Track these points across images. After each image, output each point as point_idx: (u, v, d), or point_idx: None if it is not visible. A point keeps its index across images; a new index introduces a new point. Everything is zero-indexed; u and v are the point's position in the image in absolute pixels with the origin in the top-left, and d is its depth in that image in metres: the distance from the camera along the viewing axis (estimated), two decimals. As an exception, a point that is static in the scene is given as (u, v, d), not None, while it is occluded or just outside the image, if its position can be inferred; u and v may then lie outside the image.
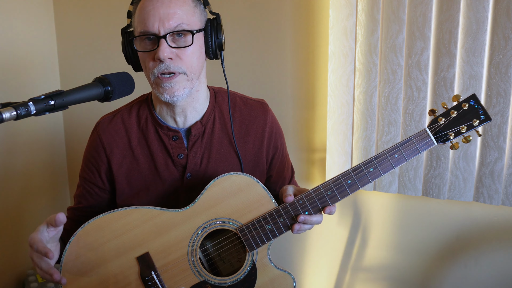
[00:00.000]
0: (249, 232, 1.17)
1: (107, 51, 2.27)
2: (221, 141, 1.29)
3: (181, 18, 1.14)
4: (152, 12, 1.12)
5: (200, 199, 1.18)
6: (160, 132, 1.27)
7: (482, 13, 1.65)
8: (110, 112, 1.34)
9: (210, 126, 1.28)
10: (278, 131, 1.38)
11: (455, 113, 1.16)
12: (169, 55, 1.13)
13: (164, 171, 1.27)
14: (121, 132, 1.29)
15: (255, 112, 1.33)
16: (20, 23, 2.14)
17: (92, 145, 1.31)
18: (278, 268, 1.21)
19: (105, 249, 1.16)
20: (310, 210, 1.17)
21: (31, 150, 2.24)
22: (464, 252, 1.90)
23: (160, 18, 1.12)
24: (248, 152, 1.31)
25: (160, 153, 1.27)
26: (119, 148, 1.28)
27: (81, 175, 1.35)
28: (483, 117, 1.15)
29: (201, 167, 1.27)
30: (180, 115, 1.25)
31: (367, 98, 1.85)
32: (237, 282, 1.19)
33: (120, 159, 1.28)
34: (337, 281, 2.13)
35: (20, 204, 2.19)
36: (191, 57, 1.16)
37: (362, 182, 1.17)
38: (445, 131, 1.16)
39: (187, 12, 1.15)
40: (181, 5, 1.15)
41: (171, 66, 1.14)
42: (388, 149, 1.17)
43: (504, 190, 1.73)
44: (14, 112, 0.81)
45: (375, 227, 2.03)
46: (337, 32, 1.84)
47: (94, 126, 1.33)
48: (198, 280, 1.18)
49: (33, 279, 2.10)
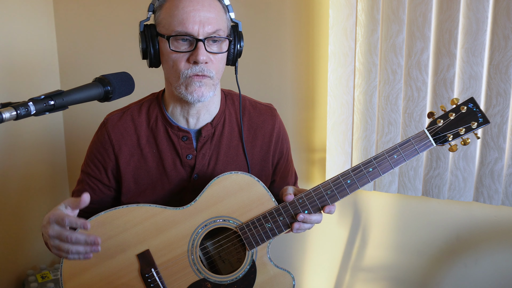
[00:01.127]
0: (249, 231, 1.18)
1: (107, 51, 2.27)
2: (229, 144, 1.30)
3: (218, 24, 1.16)
4: (193, 14, 1.12)
5: (201, 197, 1.19)
6: (170, 132, 1.27)
7: (482, 13, 1.65)
8: (118, 109, 1.32)
9: (220, 128, 1.29)
10: (285, 137, 1.40)
11: (454, 115, 1.17)
12: (206, 59, 1.14)
13: (171, 171, 1.27)
14: (131, 130, 1.28)
15: (264, 117, 1.35)
16: (20, 23, 2.14)
17: (100, 141, 1.29)
18: (277, 267, 1.21)
19: (107, 246, 1.17)
20: (310, 209, 1.18)
21: (31, 150, 2.24)
22: (464, 252, 1.90)
23: (201, 21, 1.13)
24: (256, 155, 1.32)
25: (169, 152, 1.27)
26: (128, 146, 1.27)
27: (85, 171, 1.32)
28: (481, 120, 1.16)
29: (209, 168, 1.28)
30: (194, 116, 1.26)
31: (367, 98, 1.85)
32: (236, 280, 1.19)
33: (128, 157, 1.27)
34: (337, 281, 2.13)
35: (20, 204, 2.19)
36: (220, 62, 1.19)
37: (362, 182, 1.18)
38: (444, 133, 1.17)
39: (222, 18, 1.18)
40: (218, 11, 1.17)
41: (205, 69, 1.15)
42: (387, 150, 1.18)
43: (504, 190, 1.73)
44: (14, 112, 0.81)
45: (375, 227, 2.03)
46: (337, 32, 1.84)
47: (102, 122, 1.31)
48: (198, 278, 1.18)
49: (33, 279, 2.10)
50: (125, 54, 2.24)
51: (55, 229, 1.07)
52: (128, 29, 2.21)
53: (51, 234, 1.07)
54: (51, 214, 1.08)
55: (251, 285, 1.20)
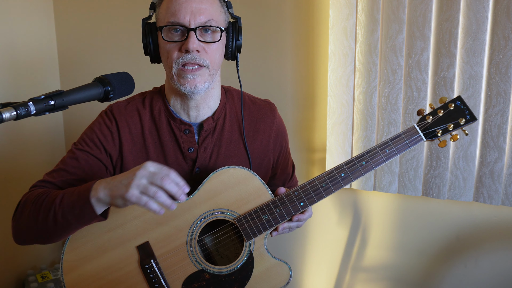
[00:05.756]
0: (247, 222, 1.21)
1: (107, 51, 2.27)
2: (230, 138, 1.32)
3: (211, 14, 1.18)
4: (185, 5, 1.16)
5: (199, 191, 1.21)
6: (173, 125, 1.28)
7: (482, 13, 1.65)
8: (122, 100, 1.31)
9: (221, 122, 1.31)
10: (284, 131, 1.43)
11: (442, 112, 1.22)
12: (197, 47, 1.17)
13: (173, 164, 1.28)
14: (136, 119, 1.29)
15: (263, 112, 1.37)
16: (20, 23, 2.14)
17: (106, 123, 1.26)
18: (274, 258, 1.24)
19: (107, 238, 1.18)
20: (306, 201, 1.21)
21: (31, 150, 2.24)
22: (464, 252, 1.90)
23: (192, 11, 1.16)
24: (256, 149, 1.35)
25: (171, 145, 1.28)
26: (132, 134, 1.28)
27: (80, 148, 1.24)
28: (468, 116, 1.22)
29: (210, 162, 1.30)
30: (194, 110, 1.28)
31: (367, 98, 1.85)
32: (234, 270, 1.21)
33: (131, 146, 1.27)
34: (337, 281, 2.13)
35: (20, 204, 2.19)
36: (215, 52, 1.21)
37: (355, 175, 1.22)
38: (433, 128, 1.22)
39: (216, 10, 1.20)
40: (212, 3, 1.20)
41: (197, 57, 1.17)
42: (379, 144, 1.23)
43: (504, 190, 1.73)
44: (14, 112, 0.81)
45: (375, 227, 2.03)
46: (337, 32, 1.84)
47: (106, 109, 1.29)
48: (196, 268, 1.20)
49: (33, 279, 2.10)
50: (125, 54, 2.24)
51: (151, 169, 1.03)
52: (128, 29, 2.21)
53: (142, 173, 1.02)
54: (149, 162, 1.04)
55: (249, 275, 1.22)
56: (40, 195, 1.17)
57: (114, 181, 1.07)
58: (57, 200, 1.12)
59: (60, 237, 1.15)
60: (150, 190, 1.02)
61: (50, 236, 1.15)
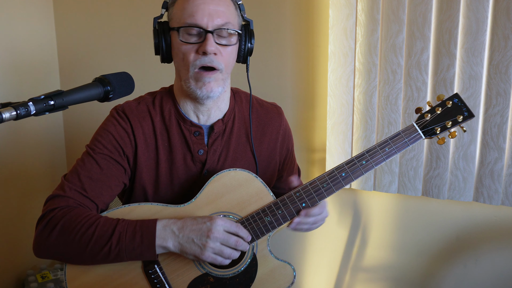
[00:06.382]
0: (249, 224, 1.20)
1: (107, 51, 2.27)
2: (238, 140, 1.32)
3: (228, 17, 1.18)
4: (202, 6, 1.15)
5: (201, 194, 1.21)
6: (182, 126, 1.27)
7: (482, 13, 1.65)
8: (132, 99, 1.30)
9: (230, 125, 1.31)
10: (290, 135, 1.43)
11: (440, 109, 1.24)
12: (215, 50, 1.16)
13: (181, 166, 1.27)
14: (148, 119, 1.27)
15: (271, 115, 1.37)
16: (20, 23, 2.14)
17: (120, 124, 1.24)
18: (278, 259, 1.23)
19: None
20: (307, 202, 1.21)
21: (31, 150, 2.24)
22: (464, 252, 1.90)
23: (210, 13, 1.15)
24: (263, 152, 1.35)
25: (180, 147, 1.27)
26: (145, 135, 1.26)
27: (99, 152, 1.22)
28: (466, 113, 1.23)
29: (218, 164, 1.30)
30: (205, 113, 1.27)
31: (367, 98, 1.85)
32: (238, 273, 1.21)
33: (144, 147, 1.26)
34: (337, 281, 2.13)
35: (20, 204, 2.19)
36: (230, 56, 1.21)
37: (356, 175, 1.22)
38: (432, 126, 1.23)
39: (232, 13, 1.20)
40: (228, 6, 1.19)
41: (214, 60, 1.17)
42: (379, 143, 1.23)
43: (504, 190, 1.73)
44: (14, 112, 0.81)
45: (375, 227, 2.03)
46: (337, 32, 1.84)
47: (118, 109, 1.27)
48: (201, 272, 1.19)
49: (33, 279, 2.10)
50: (125, 54, 2.24)
51: (224, 234, 1.13)
52: (128, 29, 2.21)
53: (216, 236, 1.12)
54: (217, 220, 1.13)
55: (253, 277, 1.22)
56: (85, 223, 1.13)
57: (183, 234, 1.12)
58: (113, 239, 1.10)
59: (92, 264, 1.15)
60: (226, 253, 1.13)
61: (84, 262, 1.15)
